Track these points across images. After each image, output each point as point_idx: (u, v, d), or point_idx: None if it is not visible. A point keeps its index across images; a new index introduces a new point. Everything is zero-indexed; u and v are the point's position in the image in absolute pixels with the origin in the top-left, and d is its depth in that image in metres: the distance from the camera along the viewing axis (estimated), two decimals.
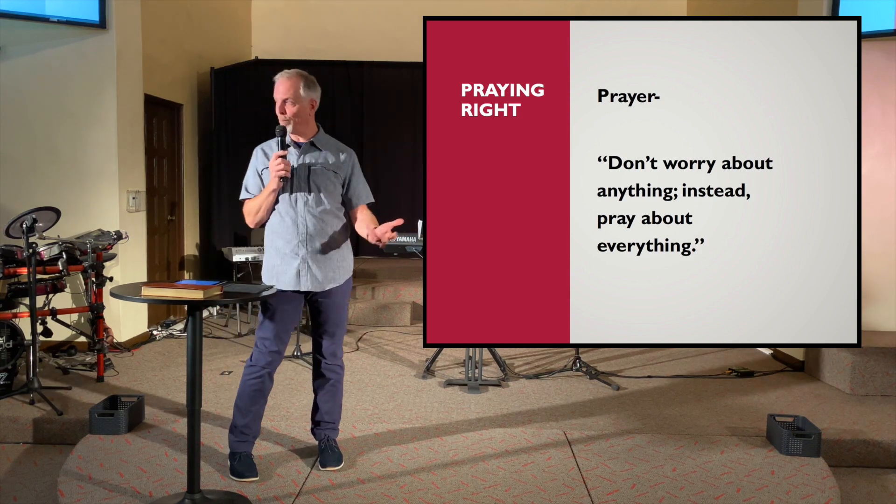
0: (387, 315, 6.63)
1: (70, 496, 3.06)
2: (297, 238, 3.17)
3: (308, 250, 3.18)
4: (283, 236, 3.19)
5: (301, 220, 3.17)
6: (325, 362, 3.35)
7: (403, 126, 8.16)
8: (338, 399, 3.42)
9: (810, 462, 3.51)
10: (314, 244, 3.19)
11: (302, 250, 3.18)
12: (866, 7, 4.91)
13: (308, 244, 3.18)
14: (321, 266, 3.21)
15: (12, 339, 4.38)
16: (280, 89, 3.15)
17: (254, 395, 3.24)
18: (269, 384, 3.27)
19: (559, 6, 8.49)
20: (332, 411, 3.42)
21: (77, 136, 5.28)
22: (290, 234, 3.18)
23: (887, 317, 5.17)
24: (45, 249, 4.60)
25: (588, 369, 4.93)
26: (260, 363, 3.22)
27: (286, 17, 8.61)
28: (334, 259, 3.26)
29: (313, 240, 3.18)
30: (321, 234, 3.19)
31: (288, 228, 3.18)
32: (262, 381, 3.23)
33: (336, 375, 3.38)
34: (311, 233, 3.18)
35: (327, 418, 3.41)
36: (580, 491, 3.19)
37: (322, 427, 3.42)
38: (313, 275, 3.19)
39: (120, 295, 2.81)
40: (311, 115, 3.23)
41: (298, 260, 3.18)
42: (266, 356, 3.22)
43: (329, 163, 3.22)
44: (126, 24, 5.40)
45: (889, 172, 5.14)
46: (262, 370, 3.22)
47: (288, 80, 3.16)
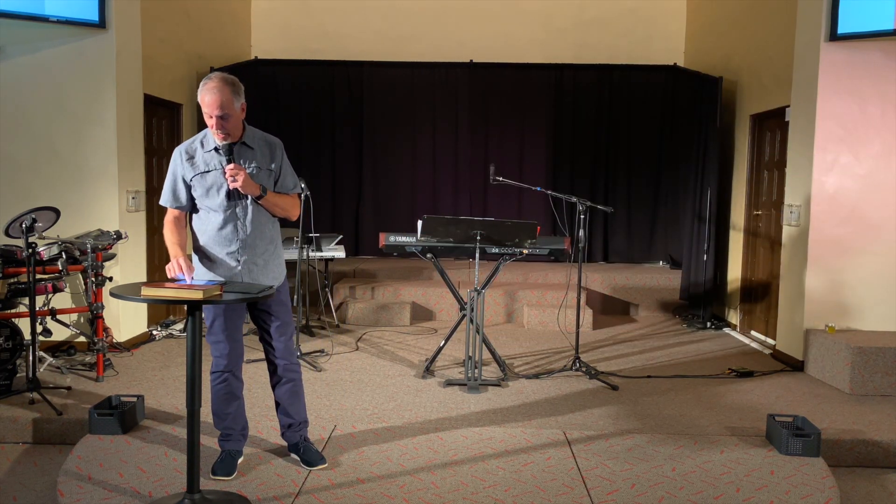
0: (386, 315, 6.63)
1: (70, 496, 3.06)
2: (236, 245, 3.14)
3: (247, 256, 3.15)
4: (220, 243, 3.14)
5: (241, 227, 3.13)
6: (281, 364, 3.32)
7: (403, 126, 8.17)
8: (301, 397, 3.41)
9: (810, 462, 3.51)
10: (252, 251, 3.16)
11: (243, 256, 3.15)
12: (866, 7, 4.91)
13: (247, 251, 3.15)
14: (259, 271, 3.19)
15: (12, 339, 4.38)
16: (210, 104, 2.96)
17: (225, 398, 3.26)
18: (236, 384, 3.28)
19: (559, 6, 8.50)
20: (300, 411, 3.41)
21: (77, 136, 5.28)
22: (228, 241, 3.13)
23: (887, 317, 5.17)
24: (44, 249, 4.60)
25: (588, 369, 4.93)
26: (220, 367, 3.24)
27: (286, 17, 8.60)
28: (271, 262, 3.24)
29: (251, 246, 3.15)
30: (259, 240, 3.17)
31: (226, 236, 3.13)
32: (227, 384, 3.25)
33: (297, 374, 3.38)
34: (249, 239, 3.14)
35: (297, 418, 3.40)
36: (580, 491, 3.19)
37: (294, 429, 3.40)
38: (249, 278, 3.16)
39: (120, 295, 2.81)
40: (241, 120, 3.11)
41: (239, 266, 3.15)
42: (223, 359, 3.22)
43: (265, 162, 3.14)
44: (125, 24, 5.40)
45: (889, 172, 5.14)
46: (223, 373, 3.24)
47: (218, 93, 2.95)
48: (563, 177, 8.10)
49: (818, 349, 5.04)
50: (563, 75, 8.03)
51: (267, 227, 3.20)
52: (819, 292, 5.21)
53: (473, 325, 4.60)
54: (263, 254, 3.19)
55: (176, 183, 3.13)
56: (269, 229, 3.21)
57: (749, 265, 6.60)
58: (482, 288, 4.67)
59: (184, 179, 3.12)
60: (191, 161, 3.10)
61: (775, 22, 6.03)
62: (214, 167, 3.09)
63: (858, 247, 5.16)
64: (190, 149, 3.13)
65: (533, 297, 6.85)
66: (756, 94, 6.44)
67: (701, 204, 6.88)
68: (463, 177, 8.17)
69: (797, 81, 5.40)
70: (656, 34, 8.47)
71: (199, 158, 3.10)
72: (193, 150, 3.12)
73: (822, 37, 5.06)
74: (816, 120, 5.13)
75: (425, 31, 8.53)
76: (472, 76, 8.06)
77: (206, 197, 3.11)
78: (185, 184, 3.12)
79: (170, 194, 3.15)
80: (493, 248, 4.83)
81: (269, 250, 3.22)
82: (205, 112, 2.99)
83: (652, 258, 8.15)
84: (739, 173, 6.79)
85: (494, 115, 8.13)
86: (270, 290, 3.02)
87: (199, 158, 3.10)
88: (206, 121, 3.01)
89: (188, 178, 3.11)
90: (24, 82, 5.22)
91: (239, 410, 3.32)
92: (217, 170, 3.08)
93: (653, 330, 6.67)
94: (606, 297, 7.32)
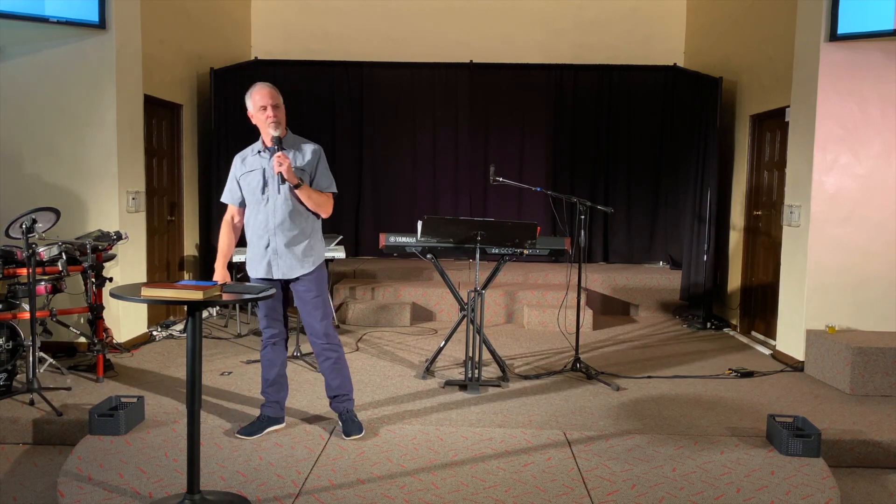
0: (386, 315, 6.62)
1: (70, 497, 3.06)
2: (267, 232, 3.57)
3: (276, 242, 3.57)
4: (256, 231, 3.61)
5: (270, 215, 3.56)
6: (319, 343, 3.70)
7: (403, 126, 8.16)
8: (345, 372, 3.79)
9: (810, 462, 3.51)
10: (280, 237, 3.56)
11: (272, 242, 3.57)
12: (866, 7, 4.91)
13: (276, 237, 3.57)
14: (287, 257, 3.58)
15: (12, 339, 4.38)
16: (266, 95, 3.52)
17: (266, 364, 3.75)
18: (276, 355, 3.74)
19: (559, 7, 8.50)
20: (343, 385, 3.78)
21: (77, 136, 5.28)
22: (261, 228, 3.59)
23: (887, 317, 5.17)
24: (44, 250, 4.60)
25: (588, 370, 4.93)
26: (264, 338, 3.75)
27: (286, 17, 8.60)
28: (300, 250, 3.60)
29: (280, 233, 3.56)
30: (287, 230, 3.57)
31: (260, 223, 3.59)
32: (269, 350, 3.73)
33: (336, 353, 3.74)
34: (278, 227, 3.55)
35: (340, 392, 3.77)
36: (580, 491, 3.18)
37: (338, 400, 3.79)
38: (281, 264, 3.59)
39: (120, 295, 2.81)
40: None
41: (269, 252, 3.58)
42: (266, 331, 3.73)
43: (297, 164, 3.57)
44: (125, 24, 5.40)
45: (889, 172, 5.14)
46: (266, 341, 3.74)
47: (269, 88, 3.55)
48: (563, 177, 8.10)
49: (818, 349, 5.04)
50: (563, 76, 8.03)
51: (298, 220, 3.58)
52: (819, 292, 5.21)
53: (473, 325, 4.59)
54: (292, 243, 3.57)
55: (231, 182, 3.69)
56: (300, 222, 3.59)
57: (749, 265, 6.60)
58: (482, 288, 4.67)
59: (236, 178, 3.65)
60: (242, 162, 3.65)
61: (775, 22, 6.03)
62: (256, 167, 3.58)
63: (858, 247, 5.16)
64: (243, 153, 3.69)
65: (533, 297, 6.85)
66: (756, 94, 6.44)
67: (701, 204, 6.88)
68: (463, 177, 8.16)
69: (797, 81, 5.40)
70: (656, 34, 8.47)
71: (248, 160, 3.64)
72: (245, 155, 3.67)
73: (822, 37, 5.06)
74: (816, 120, 5.12)
75: (425, 31, 8.53)
76: (472, 77, 8.06)
77: (249, 192, 3.61)
78: (237, 182, 3.66)
79: (227, 192, 3.72)
80: (493, 248, 4.83)
81: (300, 241, 3.59)
82: (258, 107, 3.50)
83: (652, 258, 8.15)
84: (739, 173, 6.79)
85: (494, 115, 8.13)
86: (269, 290, 3.08)
87: (248, 160, 3.64)
88: (259, 115, 3.52)
89: (238, 176, 3.65)
90: (24, 82, 5.22)
91: (279, 381, 3.78)
92: (258, 170, 3.57)
93: (653, 330, 6.67)
94: (606, 297, 7.32)
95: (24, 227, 4.21)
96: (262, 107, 3.50)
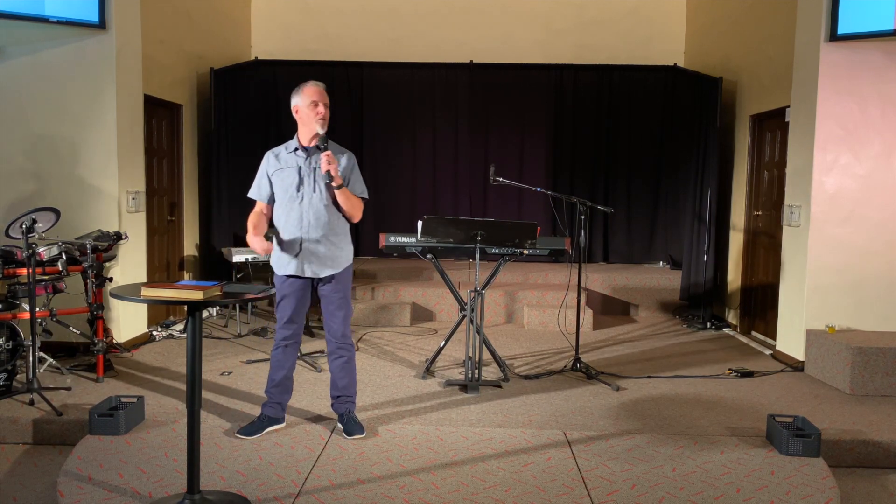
0: (386, 315, 6.62)
1: (70, 497, 3.06)
2: (300, 230, 3.59)
3: (309, 241, 3.59)
4: (289, 228, 3.61)
5: (305, 213, 3.59)
6: (335, 342, 3.76)
7: (403, 126, 8.16)
8: (352, 374, 3.83)
9: (810, 462, 3.51)
10: (314, 235, 3.60)
11: (305, 240, 3.59)
12: (866, 7, 4.91)
13: (310, 235, 3.59)
14: (319, 255, 3.62)
15: (12, 339, 4.38)
16: (320, 93, 3.59)
17: (276, 364, 3.74)
18: (287, 355, 3.74)
19: (559, 7, 8.50)
20: (350, 386, 3.82)
21: (77, 136, 5.27)
22: (294, 226, 3.60)
23: (887, 317, 5.17)
24: (44, 250, 4.60)
25: (588, 370, 4.93)
26: (279, 337, 3.73)
27: (286, 18, 8.60)
28: (331, 249, 3.65)
29: (314, 231, 3.59)
30: (320, 229, 3.60)
31: (293, 221, 3.60)
32: (280, 352, 3.72)
33: (348, 353, 3.80)
34: (312, 225, 3.59)
35: (345, 392, 3.81)
36: (580, 491, 3.18)
37: (342, 401, 3.81)
38: (314, 262, 3.62)
39: (120, 295, 2.81)
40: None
41: (300, 250, 3.59)
42: (283, 331, 3.71)
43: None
44: (125, 24, 5.40)
45: (889, 172, 5.14)
46: (279, 342, 3.72)
47: (323, 87, 3.63)
48: (564, 177, 8.10)
49: (818, 349, 5.04)
50: (563, 76, 8.03)
51: (331, 220, 3.64)
52: (819, 292, 5.20)
53: (473, 325, 4.59)
54: (324, 242, 3.62)
55: (261, 178, 3.69)
56: (332, 221, 3.64)
57: (749, 265, 6.60)
58: (482, 288, 4.67)
59: (267, 174, 3.66)
60: (276, 159, 3.66)
61: (775, 22, 6.03)
62: (291, 165, 3.62)
63: (858, 247, 5.16)
64: (276, 151, 3.70)
65: (533, 297, 6.85)
66: (756, 94, 6.44)
67: (701, 204, 6.88)
68: (463, 177, 8.16)
69: (797, 82, 5.40)
70: (656, 35, 8.47)
71: (282, 158, 3.66)
72: (279, 152, 3.69)
73: (822, 37, 5.06)
74: (816, 120, 5.12)
75: (425, 31, 8.53)
76: (472, 76, 8.06)
77: (283, 189, 3.62)
78: (268, 178, 3.67)
79: (255, 187, 3.72)
80: (493, 248, 4.83)
81: (332, 240, 3.65)
82: (309, 101, 3.56)
83: (652, 258, 8.15)
84: (739, 174, 6.79)
85: (494, 115, 8.13)
86: (269, 290, 3.09)
87: (282, 158, 3.66)
88: (308, 111, 3.56)
89: (271, 172, 3.66)
90: (24, 82, 5.22)
91: (285, 383, 3.77)
92: (293, 168, 3.61)
93: (653, 330, 6.67)
94: (606, 297, 7.32)
95: (24, 227, 4.21)
96: (314, 102, 3.55)
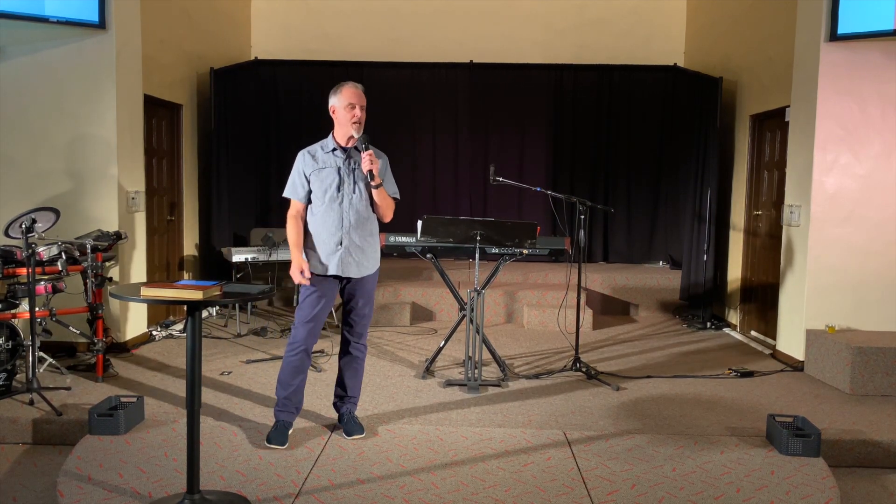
0: (386, 315, 6.62)
1: (69, 497, 3.05)
2: (341, 230, 3.57)
3: (350, 241, 3.58)
4: (329, 228, 3.58)
5: (346, 214, 3.58)
6: (354, 343, 3.74)
7: (403, 126, 8.16)
8: (360, 377, 3.84)
9: (810, 462, 3.51)
10: (355, 236, 3.59)
11: (346, 241, 3.58)
12: (866, 7, 4.91)
13: (350, 236, 3.58)
14: (359, 256, 3.62)
15: (11, 339, 4.38)
16: (357, 96, 3.55)
17: (294, 370, 3.65)
18: (306, 360, 3.67)
19: (559, 7, 8.49)
20: (355, 388, 3.82)
21: (77, 136, 5.27)
22: (335, 226, 3.58)
23: (887, 317, 5.17)
24: (44, 250, 4.60)
25: (587, 370, 4.93)
26: (298, 339, 3.61)
27: (286, 17, 8.60)
28: (369, 250, 3.67)
29: (354, 232, 3.59)
30: (361, 228, 3.62)
31: (333, 221, 3.58)
32: (300, 357, 3.63)
33: (362, 355, 3.80)
34: (353, 225, 3.58)
35: (351, 393, 3.81)
36: (580, 491, 3.18)
37: (346, 401, 3.81)
38: (353, 263, 3.60)
39: (119, 295, 2.81)
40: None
41: (342, 249, 3.58)
42: (304, 331, 3.60)
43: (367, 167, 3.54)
44: (125, 24, 5.39)
45: (889, 172, 5.14)
46: (300, 345, 3.61)
47: (362, 90, 3.60)
48: (563, 177, 8.10)
49: (818, 349, 5.04)
50: (563, 76, 8.03)
51: (368, 221, 3.65)
52: (819, 292, 5.20)
53: (473, 325, 4.59)
54: (362, 243, 3.62)
55: (298, 178, 3.62)
56: (369, 223, 3.66)
57: (749, 265, 6.60)
58: (482, 288, 4.67)
59: (304, 174, 3.60)
60: (313, 159, 3.61)
61: (775, 22, 6.03)
62: (330, 165, 3.58)
63: (858, 247, 5.16)
64: (312, 150, 3.66)
65: (533, 297, 6.85)
66: (756, 94, 6.43)
67: (701, 204, 6.87)
68: (463, 177, 8.16)
69: (797, 81, 5.40)
70: (656, 34, 8.47)
71: (319, 157, 3.62)
72: (315, 151, 3.65)
73: (822, 37, 5.06)
74: (816, 120, 5.12)
75: (425, 31, 8.53)
76: (472, 76, 8.06)
77: (322, 190, 3.57)
78: (305, 178, 3.60)
79: (291, 187, 3.65)
80: (493, 248, 4.83)
81: (368, 241, 3.66)
82: (346, 103, 3.53)
83: (652, 258, 8.15)
84: (739, 173, 6.78)
85: (494, 115, 8.13)
86: (270, 290, 3.07)
87: (319, 157, 3.62)
88: (345, 113, 3.53)
89: (308, 172, 3.60)
90: (24, 82, 5.22)
91: (300, 385, 3.69)
92: (332, 168, 3.57)
93: (653, 330, 6.67)
94: (606, 297, 7.32)
95: (23, 226, 4.20)
96: (351, 104, 3.52)
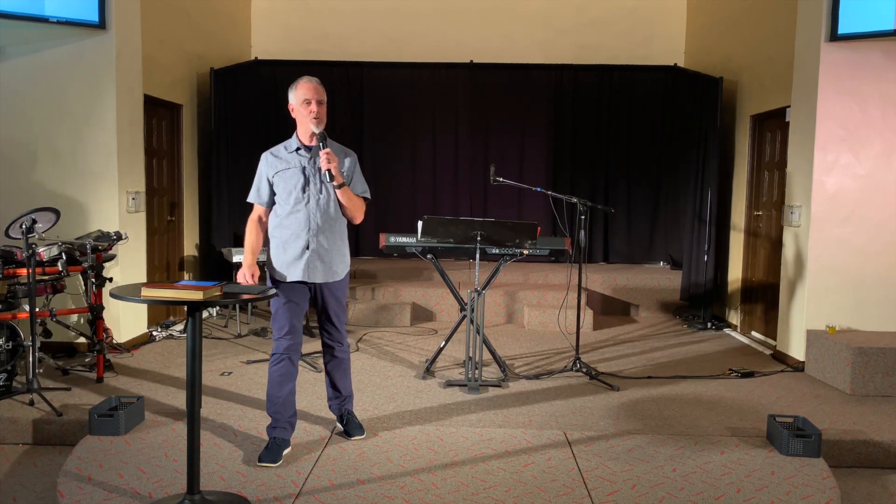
0: (386, 316, 6.62)
1: (69, 497, 3.05)
2: (307, 233, 3.42)
3: (317, 244, 3.43)
4: (294, 231, 3.43)
5: (312, 215, 3.43)
6: (335, 346, 3.65)
7: (403, 127, 8.16)
8: (349, 374, 3.78)
9: (810, 462, 3.50)
10: (322, 239, 3.44)
11: (312, 244, 3.43)
12: (866, 7, 4.91)
13: (317, 238, 3.43)
14: (328, 260, 3.48)
15: (12, 339, 4.38)
16: (312, 91, 3.39)
17: (279, 381, 3.49)
18: (291, 369, 3.51)
19: (559, 7, 8.49)
20: (347, 386, 3.78)
21: (77, 136, 5.27)
22: (300, 229, 3.42)
23: (887, 317, 5.17)
24: (44, 250, 4.60)
25: (588, 370, 4.93)
26: (279, 350, 3.49)
27: (286, 18, 8.60)
28: (336, 255, 3.52)
29: (321, 234, 3.44)
30: (329, 230, 3.47)
31: (299, 224, 3.42)
32: (283, 366, 3.49)
33: (346, 355, 3.73)
34: (320, 228, 3.43)
35: (344, 393, 3.77)
36: (580, 491, 3.18)
37: (342, 401, 3.78)
38: (320, 268, 3.46)
39: (120, 296, 2.81)
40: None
41: (308, 253, 3.43)
42: (283, 341, 3.47)
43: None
44: (125, 24, 5.39)
45: (889, 173, 5.14)
46: (281, 356, 3.48)
47: (317, 83, 3.43)
48: (564, 177, 8.10)
49: (818, 349, 5.04)
50: (563, 76, 8.03)
51: (336, 223, 3.51)
52: (819, 292, 5.20)
53: (474, 325, 4.59)
54: (330, 246, 3.48)
55: (261, 181, 3.50)
56: (337, 224, 3.52)
57: (749, 266, 6.60)
58: (482, 288, 4.67)
59: (267, 177, 3.47)
60: (276, 159, 3.47)
61: (775, 22, 6.03)
62: (294, 165, 3.44)
63: (859, 247, 5.16)
64: (276, 150, 3.51)
65: (533, 297, 6.84)
66: (756, 94, 6.43)
67: (701, 204, 6.87)
68: (463, 177, 8.16)
69: (797, 82, 5.40)
70: (656, 34, 8.47)
71: (283, 157, 3.47)
72: (278, 151, 3.50)
73: (823, 37, 5.06)
74: (817, 120, 5.12)
75: (425, 31, 8.53)
76: (472, 76, 8.06)
77: (286, 191, 3.43)
78: (269, 181, 3.47)
79: (255, 191, 3.52)
80: (493, 248, 4.83)
81: (337, 245, 3.52)
82: (301, 100, 3.38)
83: (652, 259, 8.15)
84: (740, 174, 6.78)
85: (494, 115, 8.13)
86: (270, 290, 3.10)
87: (283, 157, 3.47)
88: (301, 109, 3.38)
89: (271, 175, 3.46)
90: (24, 82, 5.22)
91: (290, 397, 3.54)
92: (296, 168, 3.43)
93: (653, 330, 6.67)
94: (607, 297, 7.32)
95: (23, 227, 4.20)
96: (306, 100, 3.36)
